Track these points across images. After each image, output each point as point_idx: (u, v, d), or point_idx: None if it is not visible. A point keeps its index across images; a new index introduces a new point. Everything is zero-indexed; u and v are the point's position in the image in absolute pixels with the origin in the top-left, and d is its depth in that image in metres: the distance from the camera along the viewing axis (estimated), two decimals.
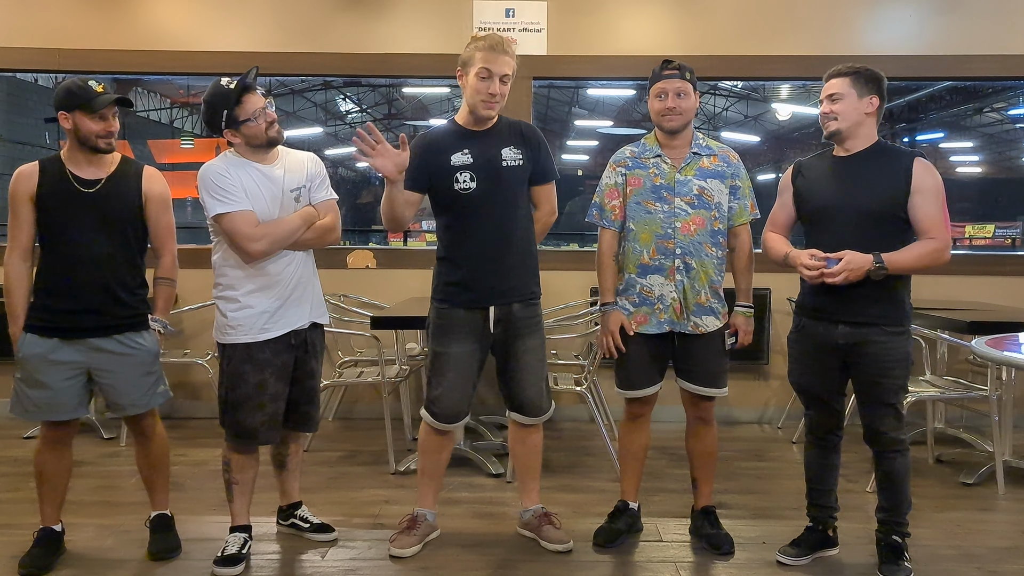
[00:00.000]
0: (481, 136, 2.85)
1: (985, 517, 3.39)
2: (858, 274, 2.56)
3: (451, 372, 2.86)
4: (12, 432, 4.43)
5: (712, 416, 2.99)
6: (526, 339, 2.90)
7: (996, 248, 8.70)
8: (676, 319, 2.85)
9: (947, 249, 2.60)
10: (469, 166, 2.81)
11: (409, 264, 5.04)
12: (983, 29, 4.82)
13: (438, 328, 2.89)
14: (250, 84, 2.70)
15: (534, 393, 2.94)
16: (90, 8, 4.89)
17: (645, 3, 4.92)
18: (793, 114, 14.63)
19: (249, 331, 2.71)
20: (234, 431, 2.77)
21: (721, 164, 2.90)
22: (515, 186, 2.88)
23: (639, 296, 2.89)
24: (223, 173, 2.67)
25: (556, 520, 3.06)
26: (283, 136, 2.78)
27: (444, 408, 2.88)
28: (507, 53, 2.76)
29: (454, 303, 2.86)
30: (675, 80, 2.80)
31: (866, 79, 2.65)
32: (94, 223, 2.66)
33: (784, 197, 2.86)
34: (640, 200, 2.87)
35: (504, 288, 2.86)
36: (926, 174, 2.61)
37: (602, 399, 4.44)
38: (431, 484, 3.02)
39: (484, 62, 2.73)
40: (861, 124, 2.67)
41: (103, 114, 2.63)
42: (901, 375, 2.67)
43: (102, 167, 2.70)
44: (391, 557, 2.86)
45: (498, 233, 2.84)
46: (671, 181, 2.84)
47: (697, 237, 2.83)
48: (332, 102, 15.07)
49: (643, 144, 2.95)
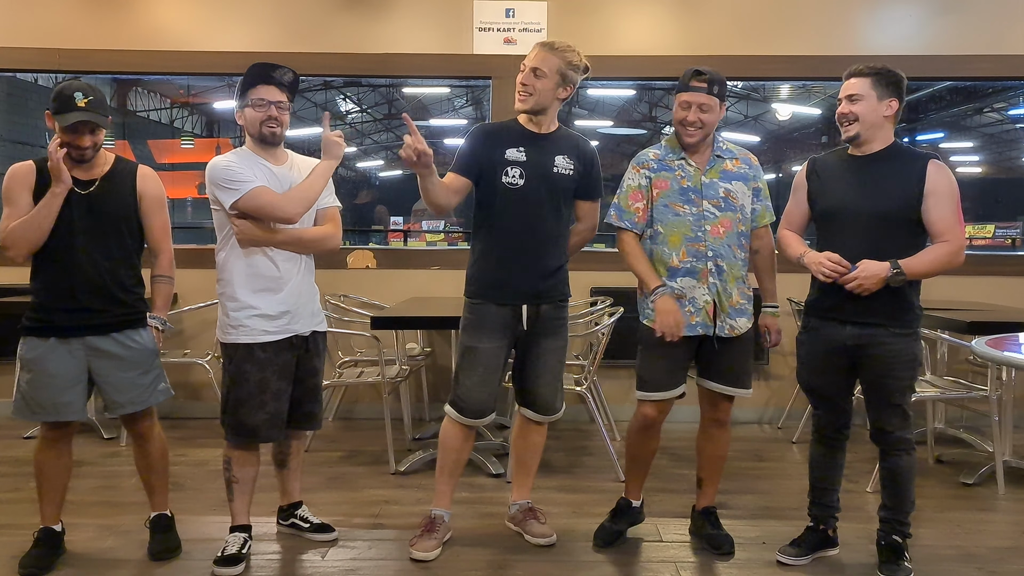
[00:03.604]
0: (538, 138, 2.88)
1: (985, 517, 3.39)
2: (874, 282, 2.54)
3: (481, 367, 2.86)
4: (12, 432, 4.44)
5: (728, 418, 2.96)
6: (551, 339, 2.92)
7: (996, 248, 8.70)
8: (708, 322, 2.83)
9: (962, 251, 2.59)
10: (521, 163, 2.83)
11: (409, 264, 5.04)
12: (983, 29, 4.83)
13: (470, 323, 2.90)
14: (276, 78, 2.72)
15: (549, 392, 2.97)
16: (90, 8, 4.89)
17: (645, 3, 4.93)
18: (793, 114, 14.62)
19: (251, 332, 2.71)
20: (235, 430, 2.77)
21: (744, 167, 2.89)
22: (561, 194, 2.89)
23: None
24: (230, 163, 2.68)
25: (541, 515, 3.07)
26: (277, 138, 2.75)
27: (472, 403, 2.88)
28: (546, 50, 2.80)
29: (488, 299, 2.87)
30: (701, 94, 2.77)
31: (887, 81, 2.62)
32: (90, 223, 2.66)
33: (799, 195, 2.85)
34: (668, 202, 2.84)
35: (539, 289, 2.88)
36: (940, 176, 2.58)
37: (602, 399, 4.44)
38: (449, 482, 3.01)
39: (527, 59, 2.83)
40: (880, 127, 2.64)
41: (75, 126, 2.58)
42: (907, 376, 2.66)
43: (95, 168, 2.70)
44: (412, 560, 2.85)
45: (538, 234, 2.86)
46: (698, 184, 2.82)
47: (726, 239, 2.81)
48: (332, 102, 15.07)
49: (665, 147, 2.92)
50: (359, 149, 18.95)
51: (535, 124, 2.89)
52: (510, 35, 4.86)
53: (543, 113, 2.86)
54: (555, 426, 4.85)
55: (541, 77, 2.79)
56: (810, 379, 2.83)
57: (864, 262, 2.56)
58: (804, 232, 2.89)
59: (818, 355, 2.77)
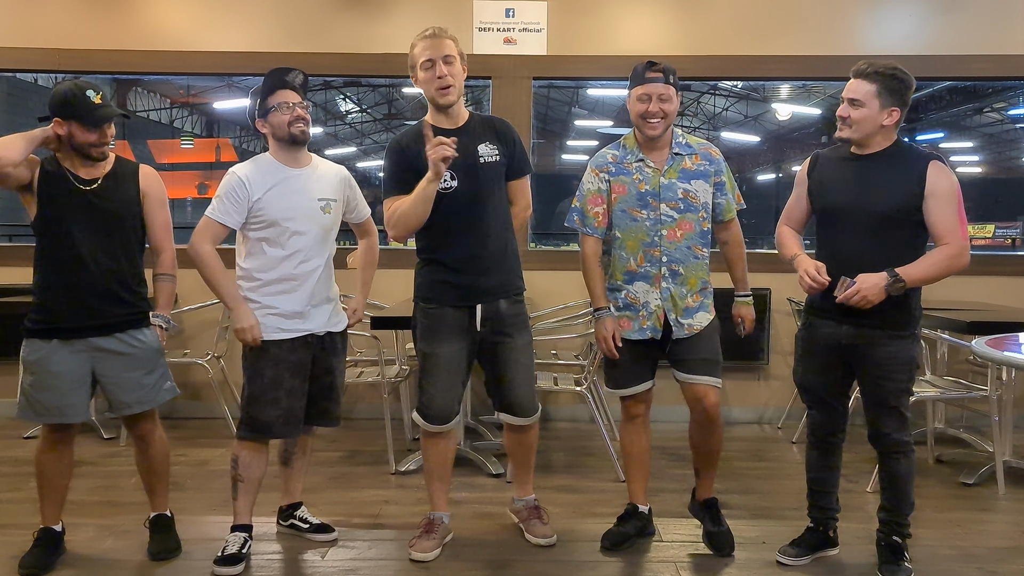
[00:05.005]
0: (455, 134, 2.75)
1: (985, 517, 3.39)
2: (875, 293, 2.51)
3: (443, 372, 2.86)
4: (12, 432, 4.43)
5: (713, 407, 2.85)
6: (514, 338, 2.89)
7: (996, 248, 8.71)
8: (658, 326, 2.84)
9: (963, 253, 2.55)
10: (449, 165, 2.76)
11: (409, 264, 4.95)
12: (983, 29, 4.82)
13: (426, 328, 2.88)
14: (289, 81, 2.78)
15: (524, 392, 2.93)
16: (90, 8, 4.89)
17: (645, 3, 4.93)
18: (793, 114, 14.64)
19: (266, 329, 2.76)
20: (250, 425, 2.80)
21: (703, 163, 2.87)
22: (493, 182, 2.86)
23: (623, 301, 2.88)
24: (239, 184, 2.74)
25: (545, 515, 3.07)
26: (306, 136, 2.81)
27: (435, 409, 2.88)
28: (443, 36, 2.77)
29: (441, 302, 2.85)
30: (659, 84, 2.74)
31: (891, 90, 2.56)
32: (93, 221, 2.66)
33: (800, 190, 2.83)
34: (626, 208, 2.84)
35: (490, 285, 2.85)
36: (940, 178, 2.55)
37: (602, 399, 4.44)
38: (440, 485, 3.01)
39: (423, 54, 2.76)
40: (876, 134, 2.61)
41: (100, 122, 2.62)
42: (904, 378, 2.65)
43: (98, 167, 2.71)
44: (412, 561, 2.85)
45: (481, 230, 2.83)
46: (656, 187, 2.82)
47: (684, 242, 2.82)
48: (332, 102, 15.08)
49: (623, 147, 2.90)
50: (359, 149, 18.96)
51: (448, 119, 2.83)
52: (510, 35, 4.86)
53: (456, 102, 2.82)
54: (555, 426, 4.86)
55: (452, 63, 2.76)
56: (804, 377, 2.82)
57: (861, 276, 2.53)
58: (804, 229, 2.88)
59: (814, 353, 2.77)
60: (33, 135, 2.60)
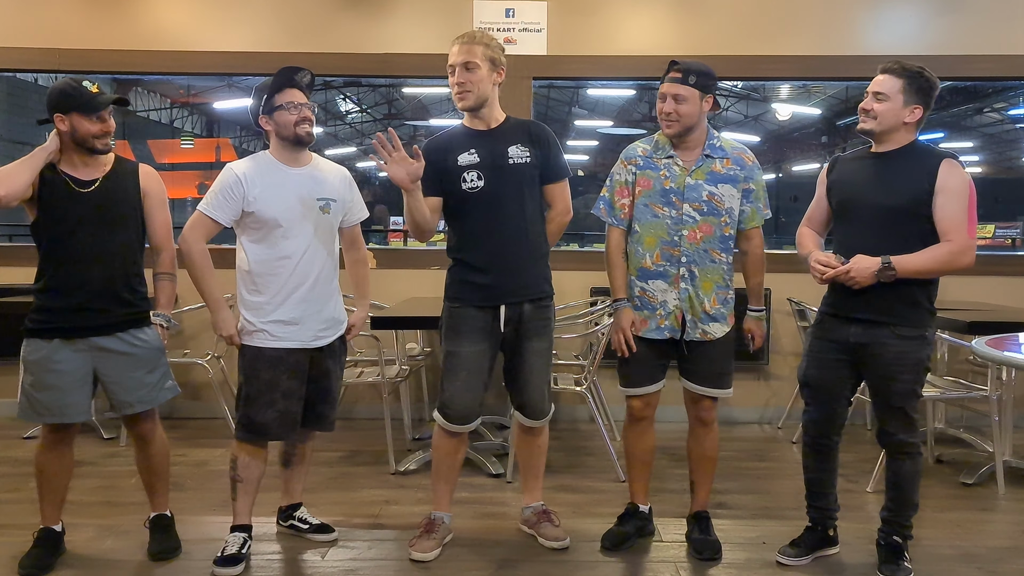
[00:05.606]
0: (487, 136, 2.86)
1: (985, 517, 3.39)
2: (864, 276, 2.54)
3: (463, 372, 2.85)
4: (12, 432, 4.43)
5: (713, 418, 2.93)
6: (534, 341, 2.90)
7: (996, 248, 8.71)
8: (677, 327, 2.83)
9: (966, 252, 2.54)
10: (476, 165, 2.82)
11: (409, 264, 5.04)
12: (984, 29, 4.82)
13: (450, 328, 2.89)
14: (298, 81, 2.78)
15: (536, 396, 2.95)
16: (90, 8, 4.89)
17: (645, 3, 4.92)
18: (793, 114, 14.63)
19: (262, 338, 2.75)
20: (246, 426, 2.78)
21: (734, 168, 2.84)
22: (523, 184, 2.87)
23: (639, 299, 2.88)
24: (235, 181, 2.71)
25: (555, 518, 3.06)
26: (311, 138, 2.81)
27: (456, 409, 2.87)
28: (467, 42, 2.79)
29: (465, 302, 2.86)
30: (676, 85, 2.75)
31: (917, 88, 2.58)
32: (94, 222, 2.66)
33: (820, 192, 2.84)
34: (648, 202, 2.84)
35: (514, 286, 2.85)
36: (951, 175, 2.55)
37: (602, 399, 4.44)
38: (445, 487, 3.01)
39: (451, 59, 2.80)
40: (897, 130, 2.62)
41: (101, 115, 2.63)
42: (911, 380, 2.63)
43: (98, 167, 2.70)
44: (412, 561, 2.85)
45: (507, 231, 2.83)
46: (681, 185, 2.80)
47: (703, 245, 2.80)
48: (332, 102, 15.07)
49: (656, 142, 2.90)
50: (359, 149, 18.95)
51: (481, 121, 2.87)
52: (510, 35, 4.86)
53: (486, 106, 2.84)
54: (555, 426, 4.86)
55: (474, 70, 2.78)
56: (807, 371, 2.80)
57: (856, 257, 2.56)
58: (825, 231, 2.87)
59: (821, 349, 2.76)
60: (34, 158, 2.59)
